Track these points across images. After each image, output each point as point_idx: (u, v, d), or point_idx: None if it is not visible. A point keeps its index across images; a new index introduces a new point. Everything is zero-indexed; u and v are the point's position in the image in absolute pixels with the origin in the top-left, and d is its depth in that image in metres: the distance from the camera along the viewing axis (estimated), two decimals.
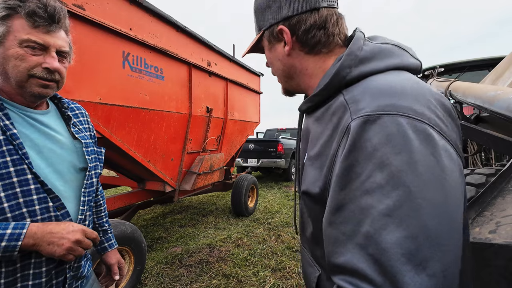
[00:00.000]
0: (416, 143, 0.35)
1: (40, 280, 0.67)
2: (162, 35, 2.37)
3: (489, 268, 0.70)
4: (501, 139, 1.25)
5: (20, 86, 0.67)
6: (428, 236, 0.31)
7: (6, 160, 0.62)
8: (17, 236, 0.59)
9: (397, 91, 0.40)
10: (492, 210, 0.82)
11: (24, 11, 0.64)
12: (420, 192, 0.33)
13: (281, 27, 0.53)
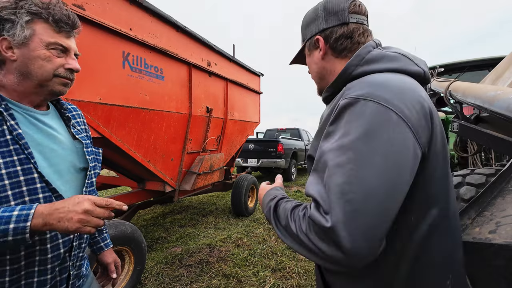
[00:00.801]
0: (375, 121, 0.47)
1: (46, 277, 0.69)
2: (162, 35, 2.37)
3: (489, 268, 0.70)
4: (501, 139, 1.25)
5: (41, 85, 0.72)
6: (360, 185, 0.44)
7: (13, 159, 0.64)
8: (24, 217, 0.58)
9: (380, 85, 0.51)
10: (492, 210, 0.82)
11: (51, 17, 0.70)
12: (366, 156, 0.46)
13: (318, 37, 0.69)
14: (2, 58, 0.69)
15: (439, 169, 0.54)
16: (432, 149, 0.52)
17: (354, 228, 0.43)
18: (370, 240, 0.44)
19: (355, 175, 0.45)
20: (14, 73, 0.70)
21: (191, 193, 3.38)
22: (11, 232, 0.57)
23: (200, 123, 3.09)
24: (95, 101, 1.83)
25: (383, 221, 0.45)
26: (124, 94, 2.04)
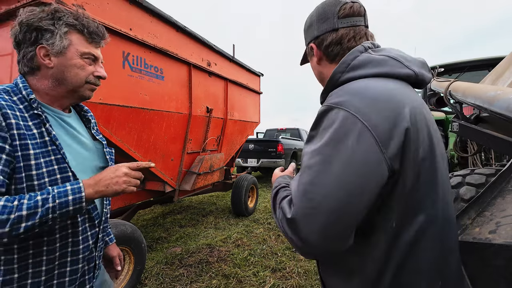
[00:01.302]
0: (343, 130, 0.50)
1: (77, 266, 0.76)
2: (162, 35, 2.37)
3: (489, 268, 0.70)
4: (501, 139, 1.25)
5: (74, 90, 0.80)
6: (320, 187, 0.49)
7: (51, 159, 0.70)
8: (77, 189, 0.67)
9: (355, 93, 0.54)
10: (492, 210, 0.82)
11: (86, 29, 0.78)
12: (329, 161, 0.50)
13: (311, 44, 0.72)
14: (38, 64, 0.75)
15: (424, 176, 0.53)
16: (409, 157, 0.51)
17: (310, 224, 0.49)
18: (324, 237, 0.49)
19: (318, 177, 0.50)
20: (49, 79, 0.76)
21: (191, 193, 3.38)
22: (71, 203, 0.65)
23: (200, 123, 3.09)
24: (95, 101, 1.83)
25: (338, 223, 0.48)
26: (124, 94, 2.04)
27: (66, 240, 0.73)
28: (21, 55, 0.75)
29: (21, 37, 0.74)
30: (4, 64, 1.79)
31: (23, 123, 0.68)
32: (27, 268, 0.67)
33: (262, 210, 4.64)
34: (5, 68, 1.79)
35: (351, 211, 0.48)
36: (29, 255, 0.68)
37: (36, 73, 0.76)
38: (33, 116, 0.71)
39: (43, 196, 0.63)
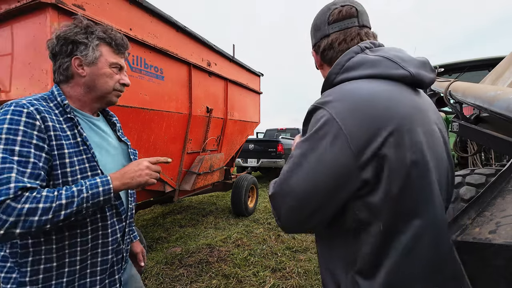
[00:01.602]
0: (322, 130, 0.54)
1: (107, 257, 0.84)
2: (162, 35, 2.37)
3: (489, 268, 0.70)
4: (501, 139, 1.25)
5: (102, 97, 0.89)
6: (292, 176, 0.56)
7: (83, 158, 0.79)
8: (106, 182, 0.76)
9: (341, 95, 0.56)
10: (492, 210, 0.82)
11: (114, 42, 0.87)
12: (304, 156, 0.55)
13: (312, 51, 0.78)
14: (72, 73, 0.84)
15: (417, 180, 0.52)
16: (391, 163, 0.50)
17: (280, 203, 0.58)
18: (288, 217, 0.58)
19: (292, 168, 0.56)
20: (81, 86, 0.85)
21: (191, 193, 3.38)
22: (101, 193, 0.74)
23: (200, 123, 3.09)
24: None
25: (301, 209, 0.55)
26: (124, 94, 2.02)
27: (97, 233, 0.82)
28: (57, 65, 0.84)
29: (58, 49, 0.83)
30: (4, 64, 1.79)
31: (59, 125, 0.76)
32: (64, 258, 0.75)
33: (262, 210, 4.64)
34: (5, 68, 1.79)
35: (314, 203, 0.54)
36: (65, 245, 0.76)
37: (70, 81, 0.85)
38: (66, 119, 0.80)
39: (78, 188, 0.71)
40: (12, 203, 0.62)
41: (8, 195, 0.62)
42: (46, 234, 0.73)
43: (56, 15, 1.58)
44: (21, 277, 0.71)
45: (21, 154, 0.67)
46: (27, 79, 1.68)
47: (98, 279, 0.82)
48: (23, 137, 0.69)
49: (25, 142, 0.69)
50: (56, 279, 0.74)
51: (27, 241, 0.72)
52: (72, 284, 0.77)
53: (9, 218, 0.61)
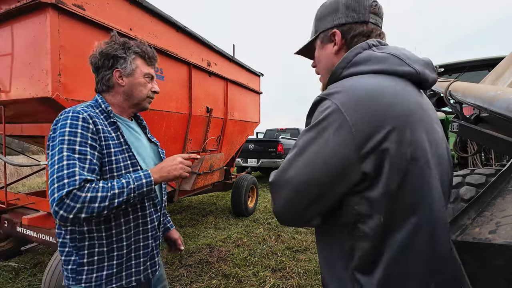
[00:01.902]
0: (326, 121, 0.53)
1: (148, 242, 0.96)
2: (162, 35, 2.37)
3: (489, 268, 0.70)
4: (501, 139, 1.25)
5: (138, 103, 1.02)
6: (291, 166, 0.56)
7: (125, 156, 0.91)
8: (148, 175, 0.88)
9: (347, 87, 0.55)
10: (492, 210, 0.82)
11: (146, 55, 1.02)
12: (305, 147, 0.55)
13: (335, 30, 0.67)
14: (113, 84, 0.97)
15: (416, 177, 0.52)
16: (392, 158, 0.50)
17: (278, 192, 0.58)
18: (284, 207, 0.57)
19: (293, 158, 0.56)
20: (121, 94, 0.99)
21: (191, 193, 3.38)
22: (144, 185, 0.85)
23: (200, 123, 3.09)
24: None
25: (298, 200, 0.55)
26: None
27: (138, 221, 0.94)
28: (99, 77, 0.97)
29: (101, 64, 0.96)
30: (4, 64, 1.79)
31: (106, 128, 0.89)
32: (112, 244, 0.88)
33: (262, 210, 4.64)
34: (5, 68, 1.79)
35: (313, 194, 0.54)
36: (113, 234, 0.88)
37: (111, 90, 0.98)
38: (110, 123, 0.93)
39: (126, 180, 0.84)
40: (78, 192, 0.74)
41: (74, 185, 0.74)
42: (97, 224, 0.86)
43: (56, 15, 1.58)
44: (80, 259, 0.85)
45: (80, 152, 0.80)
46: (27, 79, 1.68)
47: (142, 261, 0.95)
48: (81, 138, 0.81)
49: (83, 143, 0.81)
50: (107, 261, 0.87)
51: (84, 228, 0.85)
52: (121, 266, 0.89)
53: (76, 205, 0.73)
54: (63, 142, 0.79)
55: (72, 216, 0.73)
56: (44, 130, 2.04)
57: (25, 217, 1.93)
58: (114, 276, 0.88)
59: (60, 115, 0.85)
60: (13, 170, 6.95)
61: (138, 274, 0.93)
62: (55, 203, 0.73)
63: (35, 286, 2.23)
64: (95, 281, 0.85)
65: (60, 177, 0.75)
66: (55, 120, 0.84)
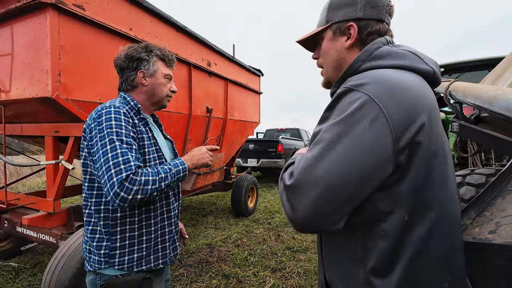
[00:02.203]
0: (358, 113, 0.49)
1: (171, 228, 1.08)
2: (162, 35, 2.37)
3: (489, 268, 0.70)
4: (501, 139, 1.25)
5: (158, 102, 1.11)
6: (321, 164, 0.49)
7: (153, 149, 1.01)
8: (182, 162, 1.02)
9: (376, 79, 0.53)
10: (492, 210, 0.82)
11: (166, 58, 1.10)
12: (336, 141, 0.50)
13: (352, 23, 0.64)
14: (137, 84, 1.06)
15: (436, 172, 0.52)
16: (421, 152, 0.50)
17: (304, 194, 0.50)
18: (313, 211, 0.49)
19: (321, 154, 0.50)
20: (144, 93, 1.07)
21: (191, 193, 3.38)
22: (181, 170, 1.00)
23: (200, 123, 3.09)
24: (95, 101, 1.83)
25: (330, 200, 0.49)
26: None
27: (163, 209, 1.04)
28: (124, 77, 1.06)
29: (125, 65, 1.04)
30: (4, 64, 1.79)
31: (138, 123, 0.99)
32: (142, 229, 0.97)
33: (262, 210, 4.64)
34: (5, 68, 1.79)
35: (346, 192, 0.49)
36: (143, 219, 0.98)
37: (135, 89, 1.07)
38: (140, 119, 1.02)
39: (167, 166, 0.96)
40: (134, 176, 0.84)
41: (131, 170, 0.84)
42: (131, 210, 0.95)
43: (56, 15, 1.58)
44: (112, 244, 0.93)
45: (127, 142, 0.89)
46: (27, 79, 1.68)
47: (167, 245, 1.05)
48: (125, 130, 0.91)
49: (127, 134, 0.91)
50: (137, 245, 0.96)
51: (117, 214, 0.94)
52: (149, 249, 0.98)
53: (134, 187, 0.83)
54: (112, 133, 0.88)
55: (131, 197, 0.83)
56: (44, 130, 2.04)
57: (25, 217, 1.93)
58: (144, 258, 0.97)
59: (101, 109, 0.93)
60: (13, 170, 6.95)
61: (164, 257, 1.03)
62: (116, 185, 0.82)
63: (35, 286, 2.23)
64: (127, 263, 0.94)
65: (116, 163, 0.84)
66: (97, 114, 0.92)
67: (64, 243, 1.72)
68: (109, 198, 0.84)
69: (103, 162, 0.85)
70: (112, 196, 0.82)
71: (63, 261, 1.61)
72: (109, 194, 0.83)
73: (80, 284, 1.59)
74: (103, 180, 0.84)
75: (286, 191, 0.53)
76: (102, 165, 0.85)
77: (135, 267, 0.95)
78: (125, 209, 0.94)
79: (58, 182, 1.94)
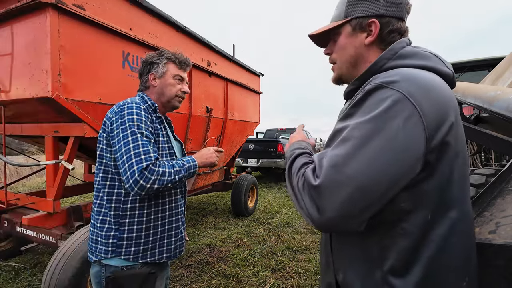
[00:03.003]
0: (392, 110, 0.48)
1: (178, 224, 1.12)
2: (162, 35, 2.37)
3: (489, 268, 0.70)
4: (501, 139, 1.25)
5: (168, 102, 1.16)
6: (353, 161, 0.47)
7: (166, 146, 1.08)
8: (193, 159, 1.09)
9: (408, 77, 0.51)
10: (492, 210, 0.82)
11: (177, 60, 1.15)
12: (369, 138, 0.48)
13: (374, 20, 0.62)
14: (149, 85, 1.14)
15: (457, 172, 0.53)
16: (448, 151, 0.51)
17: (333, 194, 0.47)
18: (343, 212, 0.47)
19: (352, 152, 0.48)
20: (155, 93, 1.14)
21: (191, 193, 3.38)
22: (192, 166, 1.06)
23: (200, 123, 3.09)
24: (95, 101, 1.83)
25: (360, 200, 0.47)
26: (124, 94, 2.04)
27: (170, 205, 1.08)
28: (141, 80, 1.15)
29: (142, 70, 1.15)
30: (4, 64, 1.79)
31: (155, 120, 1.06)
32: (150, 222, 1.02)
33: (262, 210, 4.64)
34: (5, 68, 1.79)
35: (377, 192, 0.47)
36: (151, 213, 1.02)
37: (147, 90, 1.15)
38: (156, 117, 1.09)
39: (181, 161, 1.03)
40: (153, 167, 0.91)
41: (151, 161, 0.91)
42: (141, 202, 0.99)
43: (56, 15, 1.58)
44: (120, 234, 0.97)
45: (147, 136, 0.96)
46: (27, 79, 1.68)
47: (173, 240, 1.09)
48: (145, 124, 0.98)
49: (146, 129, 0.97)
50: (144, 238, 1.00)
51: (127, 205, 0.98)
52: (155, 243, 1.02)
53: (152, 177, 0.89)
54: (134, 126, 0.94)
55: (149, 186, 0.89)
56: (44, 130, 2.04)
57: (25, 217, 1.93)
58: (149, 251, 1.01)
59: (123, 104, 1.00)
60: (13, 170, 6.95)
61: (169, 252, 1.07)
62: (136, 173, 0.87)
63: (35, 286, 2.23)
64: (133, 254, 0.98)
65: (137, 154, 0.89)
66: (119, 108, 0.98)
67: (64, 243, 1.72)
68: (127, 185, 0.89)
69: (124, 152, 0.90)
70: (132, 184, 0.87)
71: (63, 261, 1.60)
72: (128, 182, 0.88)
73: (80, 284, 1.59)
74: (123, 168, 0.90)
75: (311, 192, 0.50)
76: (123, 154, 0.90)
77: (140, 259, 0.99)
78: (135, 200, 0.99)
79: (58, 182, 1.94)
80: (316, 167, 0.52)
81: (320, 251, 0.80)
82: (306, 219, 0.52)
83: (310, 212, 0.50)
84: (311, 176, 0.51)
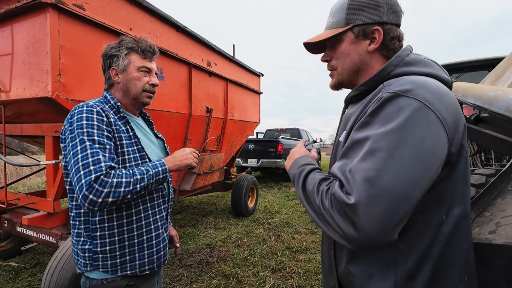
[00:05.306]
0: (414, 117, 0.49)
1: (162, 215, 1.04)
2: (162, 35, 2.37)
3: (489, 268, 0.70)
4: (501, 139, 1.25)
5: (135, 98, 1.02)
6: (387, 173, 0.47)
7: (135, 149, 0.96)
8: (162, 163, 0.95)
9: (420, 84, 0.53)
10: (492, 210, 0.82)
11: (139, 49, 1.00)
12: (398, 148, 0.48)
13: (378, 27, 0.63)
14: (112, 82, 1.01)
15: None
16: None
17: (372, 211, 0.46)
18: (383, 225, 0.47)
19: (384, 163, 0.48)
20: (119, 91, 1.02)
21: (191, 193, 3.38)
22: (160, 172, 0.93)
23: (200, 123, 3.09)
24: None
25: (400, 210, 0.47)
26: None
27: (148, 212, 0.98)
28: (105, 77, 1.03)
29: (103, 65, 1.01)
30: (4, 64, 1.79)
31: (117, 122, 0.94)
32: (123, 234, 0.92)
33: (262, 210, 4.64)
34: (5, 68, 1.79)
35: (413, 199, 0.48)
36: (123, 223, 0.92)
37: (112, 88, 1.03)
38: (120, 118, 0.98)
39: (144, 168, 0.90)
40: (105, 178, 0.79)
41: (101, 171, 0.79)
42: (109, 214, 0.90)
43: (56, 15, 1.58)
44: (94, 248, 0.90)
45: (100, 142, 0.84)
46: (27, 79, 1.68)
47: (155, 250, 0.99)
48: (98, 130, 0.86)
49: (100, 134, 0.85)
50: (119, 250, 0.92)
51: (96, 218, 0.90)
52: (133, 254, 0.94)
53: (104, 190, 0.78)
54: (83, 134, 0.83)
55: (101, 200, 0.78)
56: (44, 130, 2.04)
57: (25, 217, 1.93)
58: (128, 263, 0.93)
59: (74, 109, 0.89)
60: (13, 170, 6.95)
61: (151, 263, 0.98)
62: (84, 188, 0.77)
63: (35, 286, 2.23)
64: (110, 267, 0.91)
65: (85, 165, 0.79)
66: (69, 115, 0.88)
67: (64, 243, 1.72)
68: (79, 201, 0.79)
69: (73, 163, 0.81)
70: (81, 199, 0.78)
71: (63, 261, 1.61)
72: (78, 197, 0.79)
73: (80, 285, 1.59)
74: (73, 182, 0.80)
75: (346, 210, 0.48)
76: (73, 167, 0.81)
77: (119, 271, 0.92)
78: (102, 213, 0.90)
79: (58, 182, 1.94)
80: (344, 183, 0.50)
81: (321, 254, 0.80)
82: (338, 238, 0.51)
83: (344, 231, 0.49)
84: (341, 193, 0.49)
